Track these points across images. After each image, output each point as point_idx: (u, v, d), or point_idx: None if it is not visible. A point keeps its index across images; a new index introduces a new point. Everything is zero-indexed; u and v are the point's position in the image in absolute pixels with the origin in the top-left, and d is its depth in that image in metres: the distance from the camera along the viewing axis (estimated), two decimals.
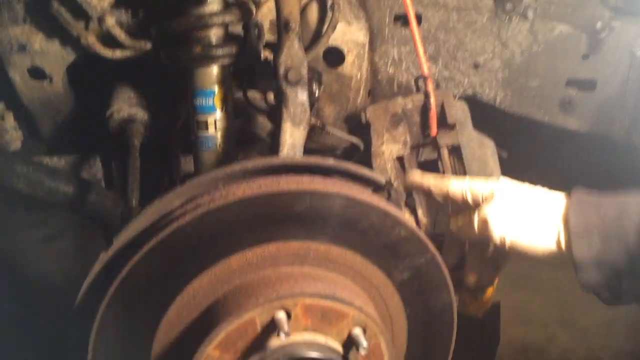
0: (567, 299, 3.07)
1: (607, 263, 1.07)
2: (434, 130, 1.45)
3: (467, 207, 1.24)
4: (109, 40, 1.48)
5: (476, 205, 1.22)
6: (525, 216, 1.15)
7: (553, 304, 3.03)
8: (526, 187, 1.21)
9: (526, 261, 1.21)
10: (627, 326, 2.82)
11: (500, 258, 1.31)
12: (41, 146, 1.84)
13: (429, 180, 1.29)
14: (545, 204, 1.16)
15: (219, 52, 1.37)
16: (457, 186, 1.25)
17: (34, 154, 1.80)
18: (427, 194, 1.31)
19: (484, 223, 1.18)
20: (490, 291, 1.61)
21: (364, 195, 1.12)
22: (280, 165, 1.12)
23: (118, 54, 1.51)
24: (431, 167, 1.58)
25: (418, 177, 1.32)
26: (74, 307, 1.09)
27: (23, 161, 1.66)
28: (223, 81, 1.41)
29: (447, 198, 1.26)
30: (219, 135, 1.44)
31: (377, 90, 1.78)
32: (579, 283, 1.13)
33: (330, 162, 1.13)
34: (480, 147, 1.46)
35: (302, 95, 1.30)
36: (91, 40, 1.47)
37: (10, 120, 1.75)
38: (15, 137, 1.76)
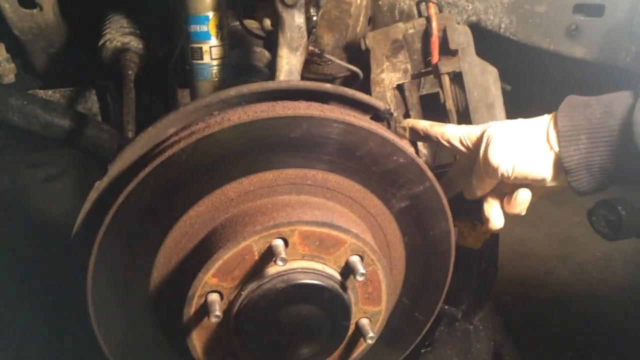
0: (566, 235, 3.09)
1: (596, 164, 1.06)
2: (435, 56, 1.41)
3: (465, 150, 1.23)
4: None
5: (476, 147, 1.20)
6: (523, 145, 1.13)
7: (552, 240, 3.05)
8: (516, 121, 1.20)
9: (543, 192, 1.21)
10: (624, 260, 2.85)
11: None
12: (35, 80, 1.81)
13: (424, 125, 1.28)
14: (537, 127, 1.14)
15: None
16: (453, 131, 1.23)
17: (29, 87, 1.76)
18: (424, 138, 1.30)
19: (487, 163, 1.16)
20: None
21: (362, 121, 1.10)
22: (276, 90, 1.09)
23: None
24: (432, 100, 1.55)
25: (413, 122, 1.31)
26: (71, 237, 1.09)
27: (17, 94, 1.62)
28: (217, 6, 1.35)
29: (444, 142, 1.25)
30: (214, 63, 1.39)
31: (378, 17, 1.71)
32: (571, 188, 1.11)
33: (327, 86, 1.10)
34: (483, 74, 1.42)
35: (299, 19, 1.25)
36: None
37: (2, 52, 1.70)
38: (8, 70, 1.72)
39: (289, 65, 1.25)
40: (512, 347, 1.93)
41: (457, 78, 1.41)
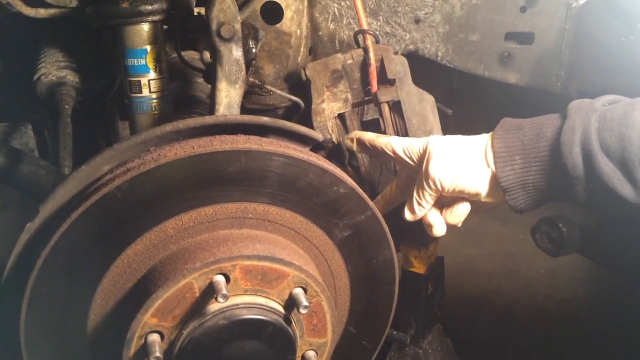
0: (511, 252, 3.17)
1: (530, 183, 1.11)
2: (374, 86, 1.43)
3: (408, 164, 1.25)
4: None
5: (419, 160, 1.22)
6: (463, 161, 1.17)
7: (498, 257, 3.12)
8: (457, 137, 1.24)
9: (480, 207, 1.24)
10: (567, 276, 2.93)
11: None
12: None
13: (370, 137, 1.30)
14: (476, 145, 1.18)
15: (148, 7, 1.29)
16: (398, 142, 1.25)
17: None
18: (370, 150, 1.32)
19: (428, 174, 1.19)
20: (433, 247, 1.63)
21: (301, 153, 1.10)
22: (213, 125, 1.08)
23: (42, 12, 1.42)
24: (375, 126, 1.57)
25: (360, 134, 1.33)
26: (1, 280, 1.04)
27: None
28: (155, 39, 1.34)
29: (389, 153, 1.27)
30: (153, 96, 1.38)
31: (319, 47, 1.74)
32: (510, 206, 1.16)
33: (265, 120, 1.10)
34: (420, 102, 1.45)
35: (237, 52, 1.25)
36: None
37: None
38: None
39: (228, 98, 1.25)
40: None
41: (396, 106, 1.44)
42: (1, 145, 1.64)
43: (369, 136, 1.31)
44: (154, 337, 1.00)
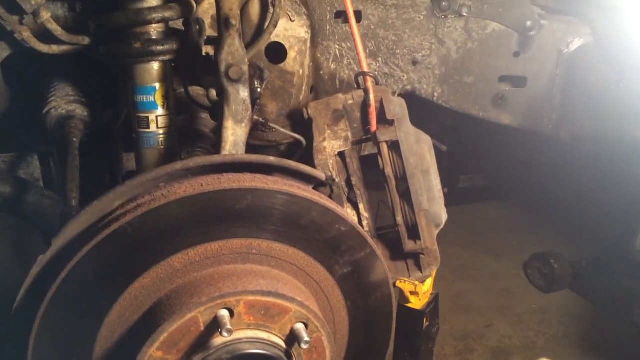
0: (503, 287, 3.20)
1: None
2: (373, 125, 1.49)
3: None
4: (45, 35, 1.44)
5: None
6: None
7: (491, 293, 3.14)
8: None
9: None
10: (559, 312, 2.96)
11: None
12: None
13: None
14: None
15: (159, 48, 1.35)
16: None
17: None
18: None
19: None
20: (429, 283, 1.67)
21: (305, 192, 1.15)
22: (221, 164, 1.13)
23: (55, 49, 1.47)
24: (372, 161, 1.62)
25: None
26: (12, 310, 1.07)
27: None
28: (164, 77, 1.40)
29: None
30: (160, 132, 1.42)
31: (320, 86, 1.80)
32: None
33: (271, 159, 1.15)
34: (418, 142, 1.50)
35: (244, 93, 1.30)
36: (26, 35, 1.43)
37: None
38: None
39: (235, 136, 1.30)
40: None
41: (394, 146, 1.49)
42: (8, 175, 1.67)
43: None
44: None
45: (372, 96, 1.48)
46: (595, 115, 1.82)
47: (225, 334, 1.00)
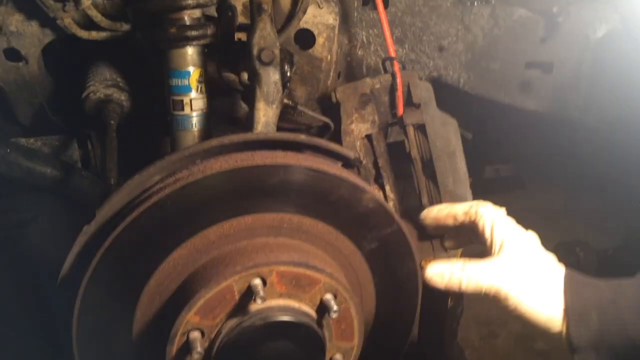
0: None
1: (606, 345, 1.02)
2: (400, 109, 1.52)
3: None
4: (85, 21, 1.51)
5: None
6: (530, 282, 1.11)
7: None
8: (528, 243, 1.19)
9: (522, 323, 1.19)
10: None
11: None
12: (17, 128, 1.86)
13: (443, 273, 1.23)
14: (547, 272, 1.13)
15: (194, 33, 1.41)
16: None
17: (11, 135, 1.82)
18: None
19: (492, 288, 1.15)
20: None
21: (334, 169, 1.19)
22: (255, 141, 1.18)
23: (94, 35, 1.54)
24: (398, 148, 1.65)
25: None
26: (58, 278, 1.14)
27: (0, 143, 1.68)
28: (198, 62, 1.45)
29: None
30: (194, 115, 1.48)
31: (347, 72, 1.84)
32: None
33: (302, 137, 1.20)
34: (444, 126, 1.53)
35: (275, 75, 1.35)
36: (67, 21, 1.50)
37: None
38: None
39: (266, 117, 1.35)
40: None
41: (420, 129, 1.53)
42: (49, 157, 1.75)
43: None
44: (196, 335, 1.08)
45: (398, 80, 1.52)
46: (623, 102, 1.82)
47: (258, 300, 1.05)
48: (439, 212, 1.31)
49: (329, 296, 1.14)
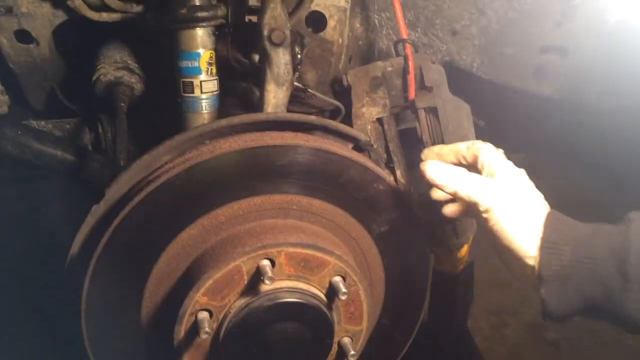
0: None
1: (574, 282, 0.98)
2: (412, 92, 1.50)
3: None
4: (96, 2, 1.51)
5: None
6: (514, 207, 1.08)
7: None
8: (521, 177, 1.14)
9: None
10: None
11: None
12: (28, 111, 1.86)
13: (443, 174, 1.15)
14: (533, 204, 1.10)
15: (204, 14, 1.40)
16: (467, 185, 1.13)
17: (22, 118, 1.82)
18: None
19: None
20: (465, 249, 1.69)
21: (344, 150, 1.18)
22: (264, 121, 1.17)
23: (105, 16, 1.53)
24: (410, 135, 1.64)
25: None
26: (67, 257, 1.14)
27: (11, 124, 1.68)
28: (208, 44, 1.44)
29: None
30: (204, 97, 1.48)
31: (358, 56, 1.82)
32: (542, 302, 1.04)
33: (312, 118, 1.19)
34: (456, 110, 1.51)
35: (285, 56, 1.34)
36: (78, 2, 1.49)
37: None
38: (2, 101, 1.77)
39: (276, 99, 1.34)
40: None
41: (432, 112, 1.51)
42: (59, 139, 1.75)
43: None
44: (204, 315, 1.08)
45: (410, 63, 1.50)
46: (638, 87, 1.79)
47: (267, 281, 1.05)
48: (441, 149, 1.25)
49: (337, 279, 1.13)
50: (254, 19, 1.47)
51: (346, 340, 1.19)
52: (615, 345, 2.52)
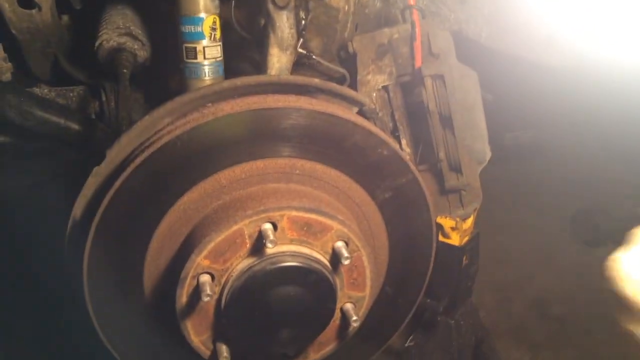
0: (547, 243, 3.16)
1: None
2: (418, 60, 1.48)
3: None
4: None
5: None
6: None
7: (533, 248, 3.11)
8: None
9: None
10: (603, 268, 2.91)
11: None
12: (31, 78, 1.85)
13: None
14: None
15: None
16: None
17: (25, 86, 1.81)
18: None
19: None
20: (470, 220, 1.67)
21: (349, 114, 1.16)
22: (268, 83, 1.15)
23: None
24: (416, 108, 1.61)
25: None
26: (69, 219, 1.13)
27: (14, 91, 1.66)
28: (211, 8, 1.41)
29: None
30: (206, 63, 1.45)
31: (365, 24, 1.79)
32: None
33: (316, 81, 1.17)
34: (463, 78, 1.49)
35: (290, 20, 1.31)
36: None
37: (0, 52, 1.75)
38: (5, 69, 1.76)
39: (280, 63, 1.32)
40: (492, 343, 1.98)
41: (439, 80, 1.48)
42: (62, 107, 1.74)
43: None
44: (206, 278, 1.08)
45: (417, 29, 1.47)
46: None
47: (269, 244, 1.04)
48: None
49: (340, 244, 1.12)
50: None
51: (349, 306, 1.19)
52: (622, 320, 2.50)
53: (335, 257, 1.13)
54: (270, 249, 1.07)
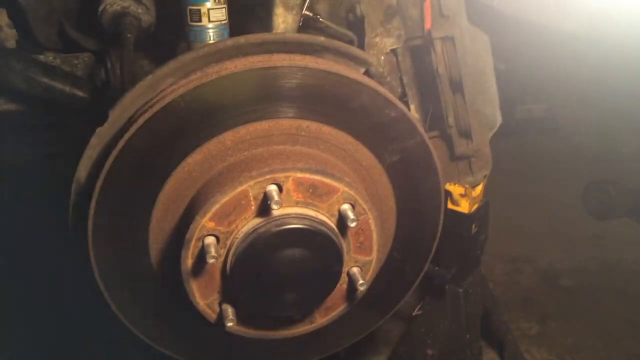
0: (557, 215, 3.14)
1: None
2: (428, 22, 1.44)
3: None
4: None
5: None
6: None
7: (543, 220, 3.09)
8: None
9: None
10: (614, 239, 2.89)
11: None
12: (36, 45, 1.83)
13: None
14: None
15: None
16: None
17: (30, 52, 1.79)
18: None
19: None
20: (480, 188, 1.65)
21: (355, 74, 1.13)
22: (272, 42, 1.12)
23: None
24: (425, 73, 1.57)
25: None
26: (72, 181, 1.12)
27: (20, 58, 1.65)
28: None
29: None
30: (211, 26, 1.42)
31: None
32: None
33: (321, 39, 1.14)
34: (474, 41, 1.45)
35: None
36: None
37: (3, 18, 1.72)
38: (10, 35, 1.74)
39: (285, 23, 1.29)
40: (500, 313, 1.98)
41: (449, 43, 1.45)
42: (67, 74, 1.73)
43: None
44: (211, 240, 1.06)
45: None
46: None
47: (274, 206, 1.02)
48: None
49: (346, 206, 1.10)
50: None
51: (355, 270, 1.17)
52: (633, 291, 2.49)
53: (342, 220, 1.11)
54: (275, 211, 1.05)
